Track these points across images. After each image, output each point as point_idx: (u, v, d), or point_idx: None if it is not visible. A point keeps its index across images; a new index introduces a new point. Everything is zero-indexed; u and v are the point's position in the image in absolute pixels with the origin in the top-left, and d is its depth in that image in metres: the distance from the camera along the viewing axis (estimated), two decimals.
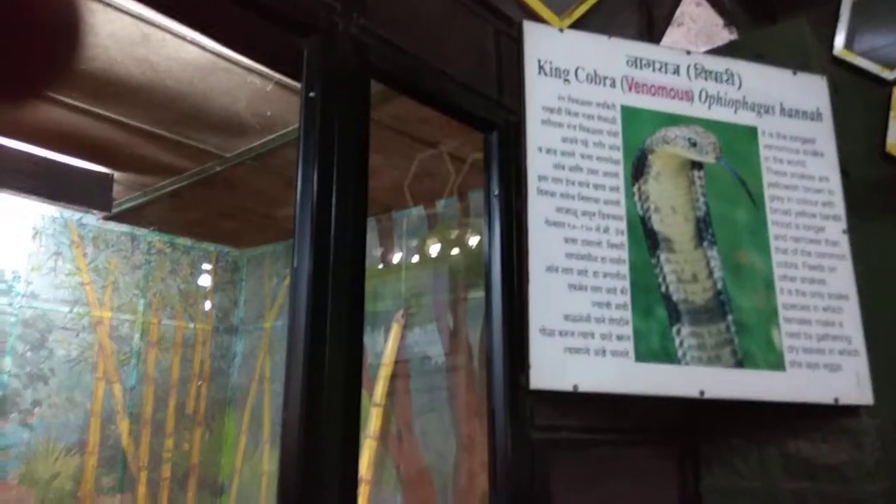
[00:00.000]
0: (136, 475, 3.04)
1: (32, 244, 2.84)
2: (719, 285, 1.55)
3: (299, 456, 1.08)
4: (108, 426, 2.97)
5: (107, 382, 3.00)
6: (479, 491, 2.38)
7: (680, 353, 1.49)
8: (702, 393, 1.48)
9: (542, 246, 1.47)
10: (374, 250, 2.88)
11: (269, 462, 3.16)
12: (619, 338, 1.45)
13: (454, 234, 2.69)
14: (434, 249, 2.73)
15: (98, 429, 2.93)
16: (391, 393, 2.67)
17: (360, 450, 1.24)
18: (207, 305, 3.43)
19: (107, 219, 3.00)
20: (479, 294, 2.51)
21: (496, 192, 1.55)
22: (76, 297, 2.94)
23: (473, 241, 2.62)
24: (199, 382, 3.30)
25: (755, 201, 1.66)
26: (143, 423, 3.09)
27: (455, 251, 2.67)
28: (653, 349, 1.47)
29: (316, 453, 1.09)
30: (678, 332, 1.50)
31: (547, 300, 1.43)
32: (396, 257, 2.85)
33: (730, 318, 1.55)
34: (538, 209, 1.49)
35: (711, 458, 1.72)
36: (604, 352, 1.44)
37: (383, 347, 2.69)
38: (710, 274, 1.56)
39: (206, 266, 3.46)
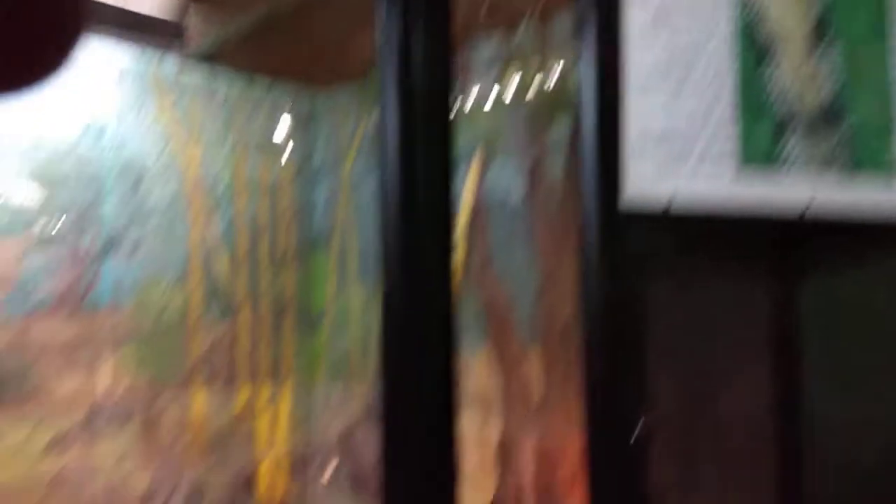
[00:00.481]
0: (238, 308, 3.27)
1: (116, 89, 2.90)
2: (835, 89, 1.42)
3: (400, 299, 1.10)
4: (207, 263, 3.17)
5: (201, 223, 3.15)
6: (560, 321, 2.44)
7: (788, 162, 1.40)
8: (808, 204, 1.40)
9: (641, 53, 1.37)
10: None
11: (356, 297, 3.33)
12: (722, 149, 1.37)
13: (535, 64, 2.55)
14: (513, 82, 2.62)
15: (198, 266, 3.13)
16: (471, 229, 2.69)
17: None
18: (287, 150, 3.49)
19: (183, 62, 3.01)
20: (561, 127, 2.42)
21: None
22: (163, 141, 3.03)
23: (556, 70, 2.48)
24: (287, 224, 3.44)
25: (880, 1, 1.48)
26: (238, 261, 3.27)
27: (536, 83, 2.55)
28: (758, 159, 1.39)
29: (414, 293, 1.11)
30: (787, 140, 1.40)
31: (644, 112, 1.35)
32: (473, 93, 2.75)
33: (844, 124, 1.43)
34: (636, 14, 1.37)
35: (811, 277, 1.67)
36: (704, 165, 1.37)
37: (462, 186, 2.68)
38: (826, 77, 1.43)
39: (283, 110, 3.47)
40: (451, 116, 1.22)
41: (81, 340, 2.79)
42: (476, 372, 2.66)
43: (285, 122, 3.47)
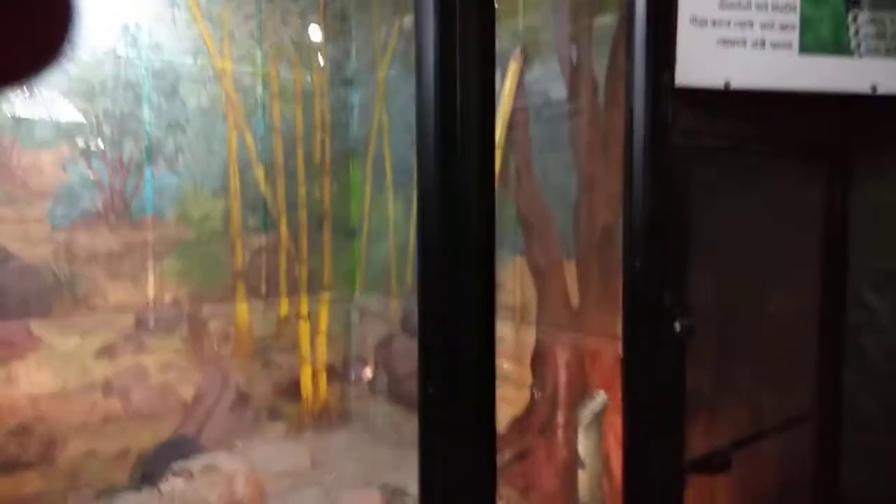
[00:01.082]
0: (277, 218, 3.30)
1: None
2: None
3: (438, 202, 1.08)
4: (246, 173, 3.18)
5: (238, 132, 3.15)
6: (600, 225, 2.41)
7: (853, 43, 1.32)
8: (874, 89, 1.33)
9: None
10: None
11: (393, 208, 3.32)
12: (783, 27, 1.30)
13: None
14: None
15: (237, 175, 3.15)
16: (510, 134, 2.64)
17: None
18: (321, 57, 3.42)
19: None
20: (606, 21, 2.32)
21: None
22: (197, 47, 2.99)
23: None
24: (322, 133, 3.42)
25: None
26: (276, 171, 3.27)
27: None
28: (821, 40, 1.31)
29: (453, 197, 1.08)
30: (854, 19, 1.31)
31: None
32: None
33: None
34: None
35: (867, 172, 1.61)
36: (763, 43, 1.30)
37: (501, 88, 2.61)
38: None
39: (315, 15, 3.38)
40: (494, 11, 1.16)
41: (126, 250, 2.86)
42: (513, 279, 2.67)
43: (317, 27, 3.40)
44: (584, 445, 1.34)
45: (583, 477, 1.34)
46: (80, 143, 2.71)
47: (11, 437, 2.58)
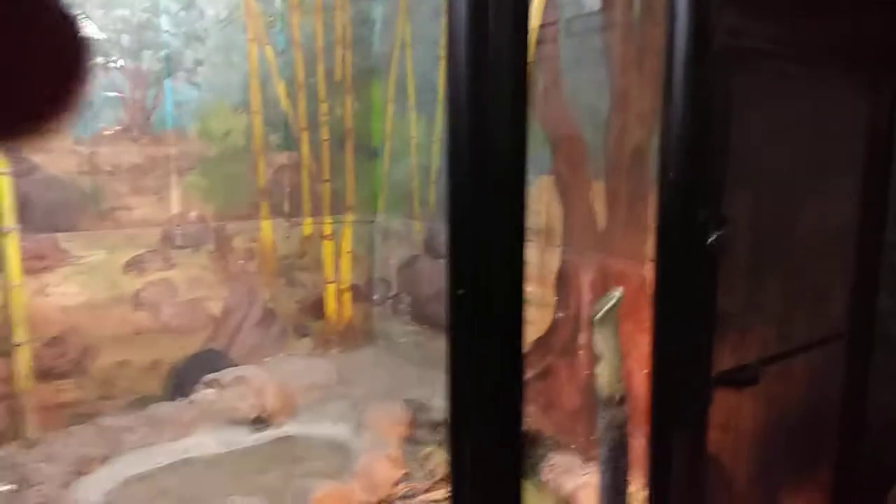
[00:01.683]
0: (298, 135, 3.26)
1: None
2: None
3: (466, 126, 1.02)
4: (267, 88, 3.12)
5: (258, 45, 3.07)
6: (631, 145, 2.34)
7: None
8: None
9: None
10: None
11: (415, 128, 3.26)
12: None
13: None
14: None
15: (258, 90, 3.09)
16: (538, 49, 2.54)
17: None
18: None
19: None
20: None
21: None
22: None
23: None
24: (343, 48, 3.32)
25: None
26: (297, 86, 3.21)
27: None
28: None
29: (483, 120, 1.02)
30: None
31: None
32: None
33: None
34: None
35: None
36: None
37: None
38: None
39: None
40: None
41: (150, 164, 2.85)
42: (539, 200, 2.63)
43: None
44: (599, 339, 1.33)
45: (600, 370, 1.35)
46: (98, 52, 2.66)
47: (47, 346, 2.66)
